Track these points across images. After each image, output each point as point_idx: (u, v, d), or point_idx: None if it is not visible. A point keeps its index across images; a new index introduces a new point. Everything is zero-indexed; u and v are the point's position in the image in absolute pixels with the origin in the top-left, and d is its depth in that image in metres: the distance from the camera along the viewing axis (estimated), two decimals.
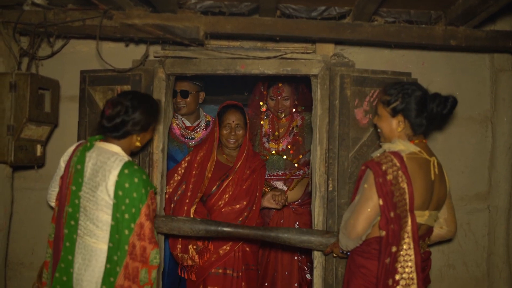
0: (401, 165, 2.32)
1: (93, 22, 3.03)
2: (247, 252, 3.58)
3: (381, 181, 2.29)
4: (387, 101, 2.48)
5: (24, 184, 3.57)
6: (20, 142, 3.04)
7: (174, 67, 3.32)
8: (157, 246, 2.46)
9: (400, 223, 2.31)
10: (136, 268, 2.44)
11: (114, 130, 2.57)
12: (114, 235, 2.47)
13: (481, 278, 3.58)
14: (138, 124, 2.58)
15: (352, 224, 2.38)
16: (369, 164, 2.39)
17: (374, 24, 3.11)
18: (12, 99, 2.99)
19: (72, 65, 3.48)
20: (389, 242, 2.31)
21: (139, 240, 2.44)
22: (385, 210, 2.29)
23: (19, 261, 3.58)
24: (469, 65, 3.59)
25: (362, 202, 2.37)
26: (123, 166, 2.47)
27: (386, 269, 2.31)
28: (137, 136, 2.63)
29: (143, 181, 2.48)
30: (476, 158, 3.60)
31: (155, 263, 2.45)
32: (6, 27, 3.11)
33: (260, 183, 3.64)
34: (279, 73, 3.31)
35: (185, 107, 3.97)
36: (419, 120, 2.43)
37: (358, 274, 2.46)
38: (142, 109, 2.59)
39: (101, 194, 2.48)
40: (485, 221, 3.60)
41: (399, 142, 2.44)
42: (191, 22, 3.03)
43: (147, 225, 2.44)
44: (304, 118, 4.03)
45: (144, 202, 2.45)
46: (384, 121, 2.52)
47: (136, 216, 2.43)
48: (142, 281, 2.44)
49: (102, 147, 2.58)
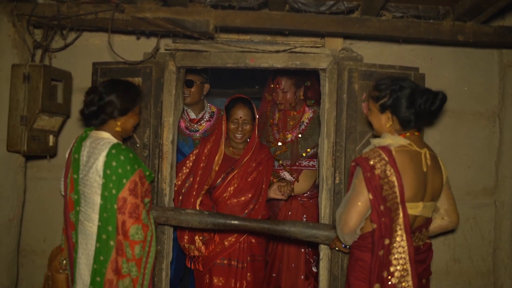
0: (389, 159, 2.34)
1: (105, 15, 3.08)
2: (252, 243, 3.62)
3: (369, 175, 2.32)
4: (376, 97, 2.49)
5: (36, 173, 3.65)
6: (33, 132, 3.11)
7: (184, 60, 3.36)
8: (138, 222, 2.51)
9: (391, 216, 2.33)
10: (120, 241, 2.53)
11: (92, 117, 2.67)
12: (102, 214, 2.55)
13: (487, 273, 3.60)
14: (114, 108, 2.65)
15: (344, 219, 2.42)
16: (357, 160, 2.41)
17: (382, 19, 3.12)
18: (26, 90, 3.05)
19: (84, 58, 3.53)
20: (382, 235, 2.33)
21: (119, 214, 2.51)
22: (375, 204, 2.32)
23: (31, 249, 3.66)
24: (478, 60, 3.59)
25: (353, 197, 2.40)
26: (111, 147, 2.57)
27: (380, 262, 2.34)
28: (115, 121, 2.69)
29: (130, 159, 2.56)
30: (483, 153, 3.61)
31: (137, 238, 2.52)
32: (20, 20, 3.16)
33: (266, 175, 3.67)
34: (288, 66, 3.34)
35: (189, 96, 4.00)
36: (407, 116, 2.41)
37: (356, 267, 2.49)
38: (116, 93, 2.66)
39: (92, 176, 2.57)
40: (491, 215, 3.61)
41: (387, 136, 2.45)
42: (201, 15, 3.07)
43: (129, 200, 2.51)
44: (315, 112, 4.05)
45: (128, 178, 2.53)
46: (374, 116, 2.54)
47: (120, 190, 2.52)
48: (127, 256, 2.53)
49: (94, 135, 2.69)
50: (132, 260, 2.54)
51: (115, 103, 2.65)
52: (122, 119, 2.71)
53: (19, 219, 3.34)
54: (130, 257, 2.54)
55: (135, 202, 2.53)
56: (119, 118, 2.70)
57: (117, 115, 2.68)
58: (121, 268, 2.54)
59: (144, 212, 2.58)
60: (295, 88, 4.04)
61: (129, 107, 2.72)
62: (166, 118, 3.35)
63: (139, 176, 2.58)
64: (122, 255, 2.54)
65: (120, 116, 2.70)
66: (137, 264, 2.56)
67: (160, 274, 3.33)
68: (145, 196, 2.65)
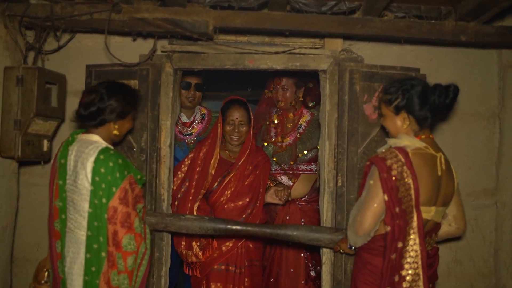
0: (406, 161, 2.31)
1: (101, 16, 3.00)
2: (250, 248, 3.56)
3: (385, 176, 2.28)
4: (388, 100, 2.47)
5: (29, 179, 3.54)
6: (27, 137, 3.01)
7: (181, 62, 3.29)
8: (131, 232, 2.42)
9: (406, 219, 2.30)
10: (111, 252, 2.43)
11: (90, 118, 2.57)
12: (92, 223, 2.45)
13: (488, 274, 3.58)
14: (114, 111, 2.58)
15: (359, 221, 2.37)
16: (373, 160, 2.37)
17: (384, 19, 3.09)
18: (19, 93, 2.95)
19: (77, 60, 3.44)
20: (395, 238, 2.30)
21: (110, 224, 2.42)
22: (390, 206, 2.28)
23: (24, 257, 3.56)
24: (477, 60, 3.58)
25: (368, 199, 2.36)
26: (99, 152, 2.47)
27: (392, 265, 2.31)
28: (114, 124, 2.61)
29: (119, 165, 2.47)
30: (483, 153, 3.60)
31: (130, 249, 2.42)
32: (12, 21, 3.07)
33: (263, 179, 3.61)
34: (288, 68, 3.29)
35: (194, 100, 3.95)
36: (423, 113, 2.40)
37: (364, 270, 2.45)
38: (118, 96, 2.59)
39: (81, 183, 2.48)
40: (492, 216, 3.60)
41: (404, 137, 2.43)
42: (200, 16, 3.01)
43: (120, 209, 2.42)
44: (313, 114, 4.01)
45: (118, 186, 2.44)
46: (389, 120, 2.50)
47: (110, 199, 2.42)
48: (119, 268, 2.43)
49: (83, 139, 2.58)
50: (124, 272, 2.43)
51: (116, 105, 2.57)
52: (119, 122, 2.63)
53: (12, 227, 3.24)
54: (122, 269, 2.43)
55: (126, 211, 2.43)
56: (118, 121, 2.62)
57: (116, 118, 2.60)
58: (110, 280, 2.43)
59: (137, 220, 2.48)
60: (296, 87, 3.99)
61: (129, 111, 2.66)
62: (163, 121, 3.28)
63: (129, 182, 2.49)
64: (113, 267, 2.43)
65: (119, 119, 2.62)
66: (129, 276, 2.45)
67: (159, 281, 3.26)
68: (137, 202, 2.56)
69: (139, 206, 2.59)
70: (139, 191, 2.61)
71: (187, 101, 3.91)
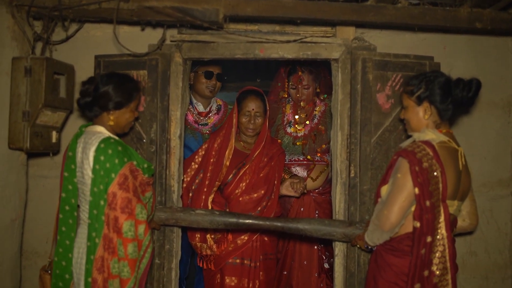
0: (434, 154, 2.29)
1: (109, 5, 2.94)
2: (265, 241, 3.52)
3: (417, 169, 2.25)
4: (411, 91, 2.46)
5: (38, 171, 3.52)
6: (35, 128, 2.96)
7: (191, 52, 3.24)
8: (131, 218, 2.41)
9: (434, 212, 2.27)
10: (112, 239, 2.41)
11: (86, 107, 2.59)
12: (92, 211, 2.46)
13: (504, 265, 3.52)
14: (108, 100, 2.57)
15: (385, 215, 2.33)
16: (402, 153, 2.34)
17: (398, 6, 3.02)
18: (27, 84, 2.91)
19: (86, 50, 3.41)
20: (424, 232, 2.27)
21: (110, 210, 2.41)
22: (420, 200, 2.25)
23: (33, 250, 3.54)
24: (492, 49, 3.50)
25: (396, 192, 2.32)
26: (100, 141, 2.48)
27: (421, 260, 2.27)
28: (108, 115, 2.60)
29: (118, 152, 2.47)
30: (498, 143, 3.53)
31: (130, 236, 2.41)
32: (19, 11, 3.02)
33: (278, 171, 3.55)
34: (299, 57, 3.23)
35: (214, 89, 3.91)
36: (445, 105, 2.40)
37: (388, 271, 2.41)
38: (113, 85, 2.58)
39: (86, 173, 2.49)
40: (507, 207, 3.53)
41: (428, 131, 2.41)
42: (210, 4, 2.95)
43: (120, 195, 2.41)
44: (327, 105, 3.95)
45: (117, 172, 2.43)
46: (411, 111, 2.49)
47: (109, 185, 2.42)
48: (119, 255, 2.42)
49: (89, 131, 2.60)
50: (124, 259, 2.41)
51: (110, 94, 2.57)
52: (116, 113, 2.62)
53: (21, 220, 3.20)
54: (122, 255, 2.41)
55: (126, 197, 2.42)
56: (113, 112, 2.61)
57: (111, 108, 2.59)
58: (110, 268, 2.41)
59: (139, 206, 2.46)
60: (315, 83, 3.94)
61: (125, 101, 2.62)
62: (173, 112, 3.23)
63: (129, 169, 2.48)
64: (114, 254, 2.41)
65: (114, 110, 2.61)
66: (130, 264, 2.42)
67: (170, 274, 3.22)
68: (143, 190, 2.56)
69: (147, 195, 2.59)
70: (145, 179, 2.61)
71: (207, 90, 3.87)
